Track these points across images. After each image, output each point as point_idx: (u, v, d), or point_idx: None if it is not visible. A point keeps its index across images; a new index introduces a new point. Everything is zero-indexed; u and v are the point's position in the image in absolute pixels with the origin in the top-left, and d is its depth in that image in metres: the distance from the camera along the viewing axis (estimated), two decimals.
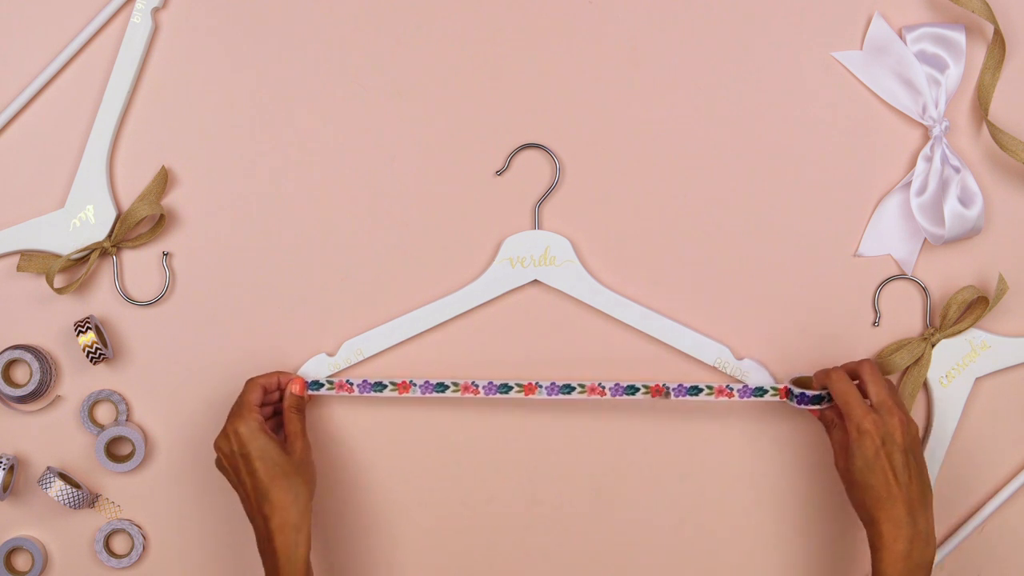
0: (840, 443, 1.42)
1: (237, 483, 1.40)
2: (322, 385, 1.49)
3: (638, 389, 1.47)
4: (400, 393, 1.49)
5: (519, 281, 1.48)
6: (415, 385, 1.48)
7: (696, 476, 1.53)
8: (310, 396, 1.48)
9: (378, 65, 1.50)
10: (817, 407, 1.44)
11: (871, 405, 1.38)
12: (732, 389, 1.47)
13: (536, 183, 1.50)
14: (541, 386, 1.48)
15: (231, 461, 1.39)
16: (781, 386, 1.46)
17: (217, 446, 1.40)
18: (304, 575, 1.37)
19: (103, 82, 1.48)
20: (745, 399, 1.47)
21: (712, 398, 1.47)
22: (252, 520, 1.39)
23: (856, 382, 1.41)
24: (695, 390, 1.47)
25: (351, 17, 1.49)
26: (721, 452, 1.52)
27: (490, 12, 1.50)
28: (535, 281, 1.48)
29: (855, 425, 1.37)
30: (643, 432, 1.52)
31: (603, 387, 1.47)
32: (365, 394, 1.48)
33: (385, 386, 1.49)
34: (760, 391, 1.46)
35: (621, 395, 1.47)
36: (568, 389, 1.48)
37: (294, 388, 1.47)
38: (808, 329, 1.51)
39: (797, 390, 1.44)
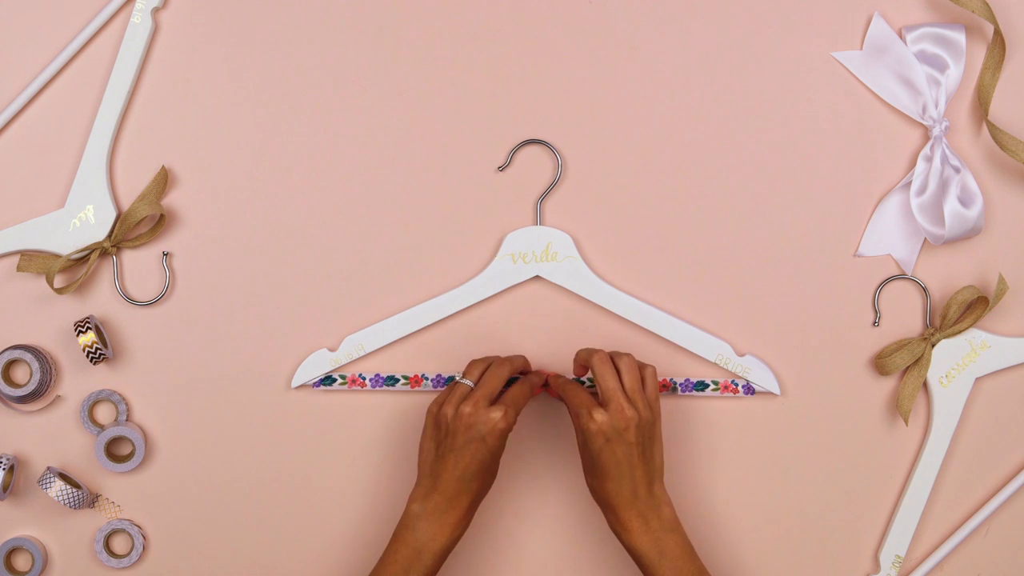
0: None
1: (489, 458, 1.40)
2: (334, 380, 1.49)
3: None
4: (412, 387, 1.49)
5: (520, 277, 1.48)
6: (427, 379, 1.49)
7: (694, 474, 1.53)
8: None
9: (379, 63, 1.50)
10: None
11: (604, 391, 1.38)
12: (737, 385, 1.49)
13: (538, 179, 1.50)
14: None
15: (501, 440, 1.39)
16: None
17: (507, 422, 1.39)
18: None
19: (103, 82, 1.48)
20: (749, 396, 1.49)
21: (718, 394, 1.49)
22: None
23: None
24: (701, 386, 1.49)
25: (351, 16, 1.49)
26: (717, 448, 1.53)
27: (491, 10, 1.50)
28: (536, 277, 1.49)
29: (580, 426, 1.38)
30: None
31: None
32: (377, 388, 1.49)
33: (397, 380, 1.49)
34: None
35: None
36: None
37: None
38: (808, 329, 1.51)
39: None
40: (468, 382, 1.40)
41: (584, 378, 1.48)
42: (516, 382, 1.44)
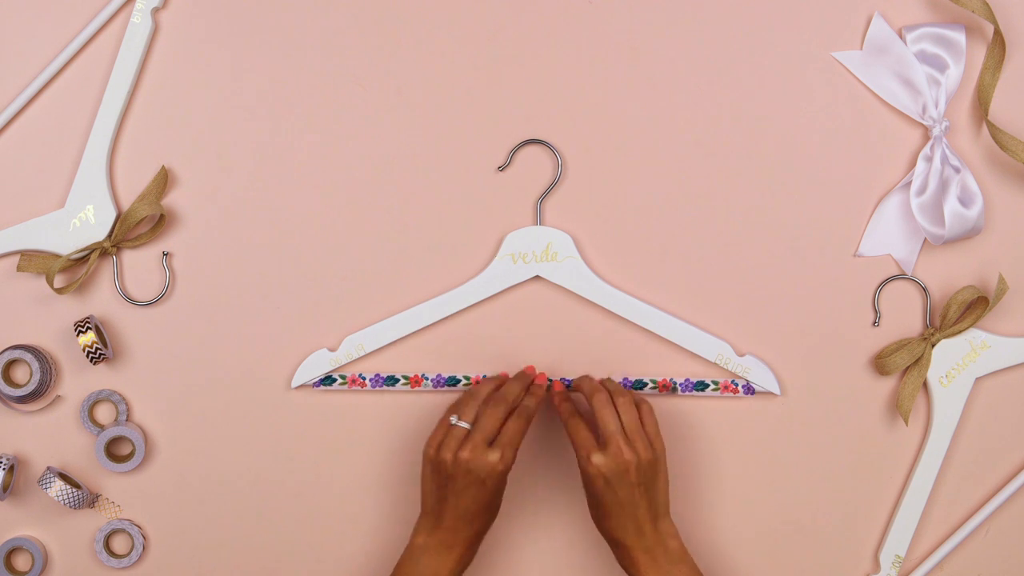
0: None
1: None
2: (334, 380, 1.49)
3: (645, 384, 1.49)
4: (412, 387, 1.49)
5: (520, 277, 1.48)
6: (427, 379, 1.49)
7: (695, 473, 1.53)
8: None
9: (379, 62, 1.50)
10: None
11: (603, 432, 1.39)
12: (737, 385, 1.49)
13: (538, 179, 1.50)
14: (550, 380, 1.49)
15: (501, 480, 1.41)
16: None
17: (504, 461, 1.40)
18: None
19: (103, 82, 1.48)
20: (749, 396, 1.49)
21: (718, 394, 1.49)
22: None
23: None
24: (701, 386, 1.49)
25: (351, 16, 1.49)
26: (718, 447, 1.52)
27: (491, 9, 1.50)
28: (536, 277, 1.49)
29: (581, 466, 1.39)
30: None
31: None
32: (377, 388, 1.49)
33: (397, 380, 1.49)
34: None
35: (629, 390, 1.48)
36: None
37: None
38: (808, 329, 1.51)
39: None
40: (465, 424, 1.40)
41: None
42: (511, 417, 1.43)
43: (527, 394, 1.45)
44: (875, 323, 1.51)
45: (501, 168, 1.50)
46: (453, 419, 1.41)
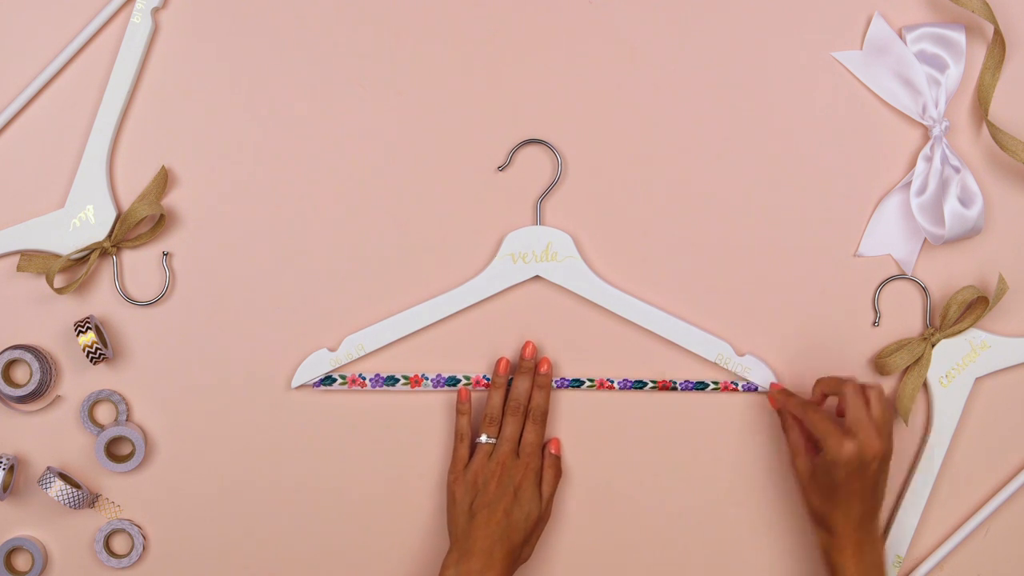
0: (801, 447, 1.44)
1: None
2: (334, 380, 1.49)
3: (645, 384, 1.49)
4: (412, 387, 1.49)
5: (520, 277, 1.48)
6: (427, 379, 1.49)
7: (696, 472, 1.53)
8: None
9: (378, 63, 1.50)
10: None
11: (855, 421, 1.38)
12: (736, 384, 1.49)
13: (538, 179, 1.50)
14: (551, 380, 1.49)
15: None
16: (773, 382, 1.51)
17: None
18: None
19: (103, 82, 1.48)
20: (748, 393, 1.50)
21: (718, 393, 1.49)
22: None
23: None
24: (701, 385, 1.49)
25: (351, 16, 1.49)
26: (718, 447, 1.52)
27: (491, 9, 1.50)
28: (536, 277, 1.49)
29: (830, 453, 1.37)
30: (644, 428, 1.52)
31: (611, 381, 1.49)
32: (377, 388, 1.49)
33: (397, 380, 1.49)
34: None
35: (629, 389, 1.49)
36: (577, 383, 1.49)
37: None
38: (808, 328, 1.51)
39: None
40: (492, 440, 1.46)
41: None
42: (528, 424, 1.47)
43: (535, 388, 1.48)
44: (875, 323, 1.51)
45: (501, 168, 1.50)
46: (482, 438, 1.46)
